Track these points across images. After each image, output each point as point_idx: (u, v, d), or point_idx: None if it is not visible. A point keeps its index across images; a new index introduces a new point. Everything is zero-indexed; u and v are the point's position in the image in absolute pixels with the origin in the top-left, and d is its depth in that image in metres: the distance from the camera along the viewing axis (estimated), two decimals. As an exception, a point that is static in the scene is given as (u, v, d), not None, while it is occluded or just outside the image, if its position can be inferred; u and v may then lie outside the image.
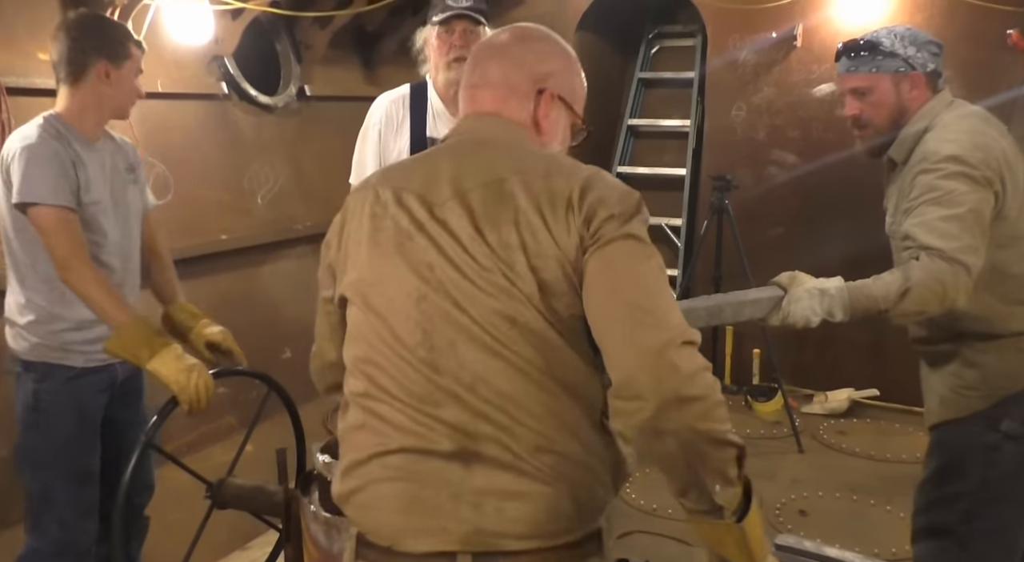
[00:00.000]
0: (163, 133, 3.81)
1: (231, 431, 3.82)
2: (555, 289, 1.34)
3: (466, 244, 1.38)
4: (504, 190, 1.39)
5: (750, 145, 5.08)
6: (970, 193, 2.02)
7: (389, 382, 1.40)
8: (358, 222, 1.48)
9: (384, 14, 4.69)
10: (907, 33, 2.22)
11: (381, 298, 1.43)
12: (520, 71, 1.53)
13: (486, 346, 1.35)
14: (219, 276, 4.10)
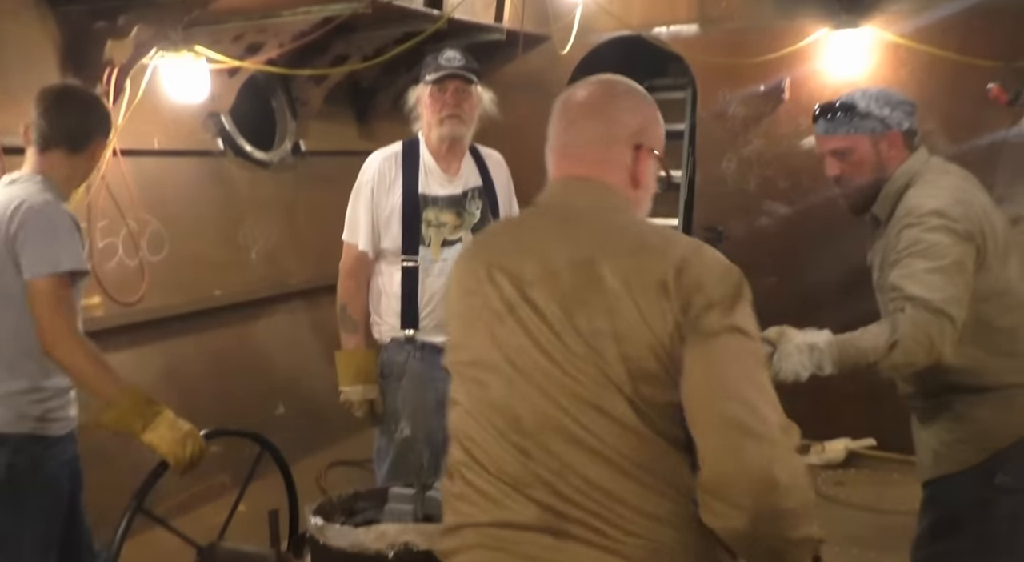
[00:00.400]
0: (158, 190, 3.84)
1: (223, 491, 3.77)
2: (648, 378, 1.31)
3: (556, 329, 1.36)
4: (594, 272, 1.35)
5: (741, 196, 5.12)
6: (953, 246, 2.05)
7: (484, 457, 1.41)
8: (456, 295, 1.54)
9: (378, 71, 4.77)
10: (881, 94, 2.27)
11: (476, 377, 1.45)
12: (617, 129, 1.51)
13: (574, 436, 1.33)
14: (212, 332, 4.09)
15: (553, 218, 1.49)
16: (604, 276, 1.35)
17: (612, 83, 1.58)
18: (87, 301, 3.47)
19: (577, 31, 5.09)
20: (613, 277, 1.34)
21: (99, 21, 3.35)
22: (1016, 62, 4.31)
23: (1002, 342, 2.16)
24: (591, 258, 1.37)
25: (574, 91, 1.60)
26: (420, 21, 4.26)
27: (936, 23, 4.52)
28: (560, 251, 1.41)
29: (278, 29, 3.90)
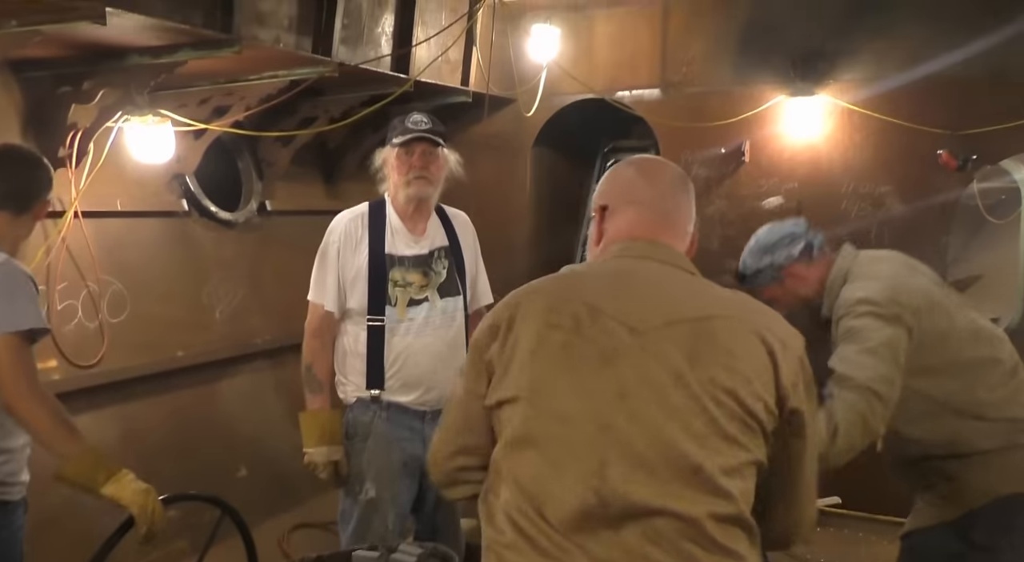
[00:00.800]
0: (120, 251, 3.81)
1: (182, 556, 3.67)
2: (753, 433, 1.38)
3: (670, 379, 1.37)
4: (711, 326, 1.42)
5: (704, 255, 5.05)
6: (880, 329, 2.15)
7: (550, 504, 1.36)
8: (534, 329, 1.45)
9: (345, 132, 4.81)
10: (756, 246, 2.51)
11: (557, 416, 1.39)
12: (693, 211, 1.68)
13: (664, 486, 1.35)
14: (174, 394, 4.03)
15: (651, 273, 1.55)
16: (718, 329, 1.42)
17: (683, 172, 1.72)
18: (44, 364, 3.42)
19: (542, 94, 5.20)
20: (726, 329, 1.42)
21: (64, 86, 3.36)
22: (962, 130, 4.48)
23: (970, 409, 2.23)
24: (709, 316, 1.44)
25: (645, 157, 1.75)
26: (387, 84, 4.32)
27: (886, 93, 4.69)
28: (672, 305, 1.46)
29: (245, 92, 3.93)
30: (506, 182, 5.51)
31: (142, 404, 3.87)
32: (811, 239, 2.46)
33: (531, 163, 5.57)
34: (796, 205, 4.99)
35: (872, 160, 4.79)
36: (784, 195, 5.03)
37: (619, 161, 5.94)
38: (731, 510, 1.35)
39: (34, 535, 3.18)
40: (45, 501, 3.34)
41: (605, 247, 1.64)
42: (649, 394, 1.36)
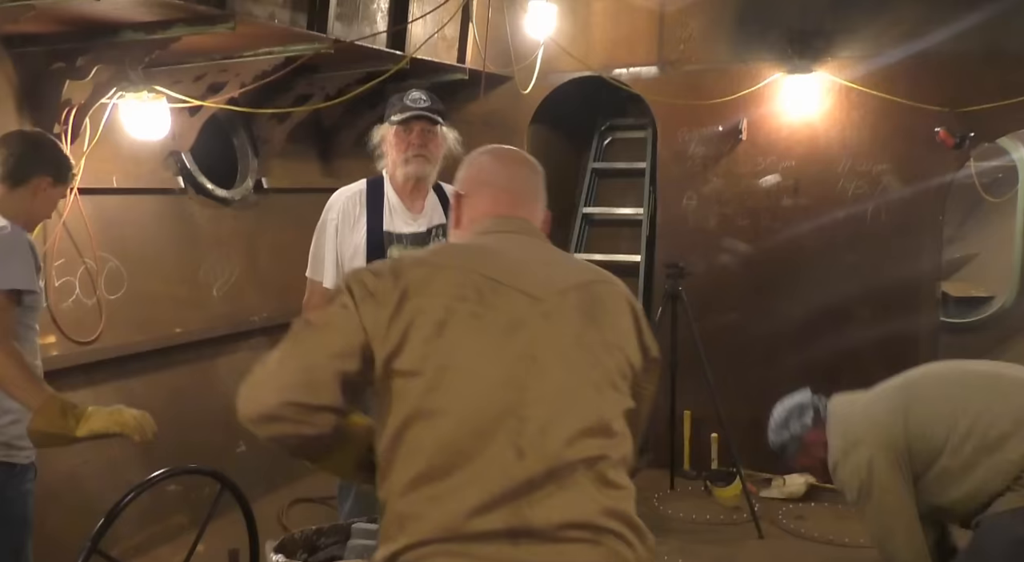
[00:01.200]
0: (117, 228, 3.81)
1: (181, 531, 3.70)
2: (625, 388, 1.56)
3: (571, 340, 1.52)
4: (594, 292, 1.61)
5: (702, 233, 5.20)
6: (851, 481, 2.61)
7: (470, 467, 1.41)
8: (440, 303, 1.49)
9: (341, 109, 4.79)
10: (775, 424, 2.88)
11: (471, 382, 1.45)
12: (541, 190, 1.81)
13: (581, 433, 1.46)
14: (173, 370, 4.05)
15: (531, 246, 1.69)
16: (600, 294, 1.61)
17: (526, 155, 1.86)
18: (42, 340, 3.42)
19: (539, 71, 5.17)
20: (608, 293, 1.62)
21: (57, 62, 3.34)
22: (960, 108, 4.48)
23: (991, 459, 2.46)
24: (587, 280, 1.62)
25: (497, 146, 1.86)
26: (383, 61, 4.31)
27: (884, 70, 4.68)
28: (558, 274, 1.61)
29: (240, 69, 3.91)
30: (503, 160, 5.49)
31: (140, 380, 3.89)
32: (816, 403, 2.74)
33: (528, 141, 5.55)
34: (793, 183, 4.99)
35: (870, 138, 4.80)
36: (781, 173, 5.04)
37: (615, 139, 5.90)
38: (622, 451, 1.51)
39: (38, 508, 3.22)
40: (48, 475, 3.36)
41: (468, 227, 1.74)
42: (555, 354, 1.49)
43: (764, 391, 5.07)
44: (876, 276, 4.78)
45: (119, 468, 3.63)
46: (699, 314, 4.60)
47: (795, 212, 4.99)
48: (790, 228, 5.00)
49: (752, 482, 4.61)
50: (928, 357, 4.75)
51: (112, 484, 3.43)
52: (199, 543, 2.58)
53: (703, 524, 4.38)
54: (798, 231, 4.97)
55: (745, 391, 4.96)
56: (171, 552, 3.51)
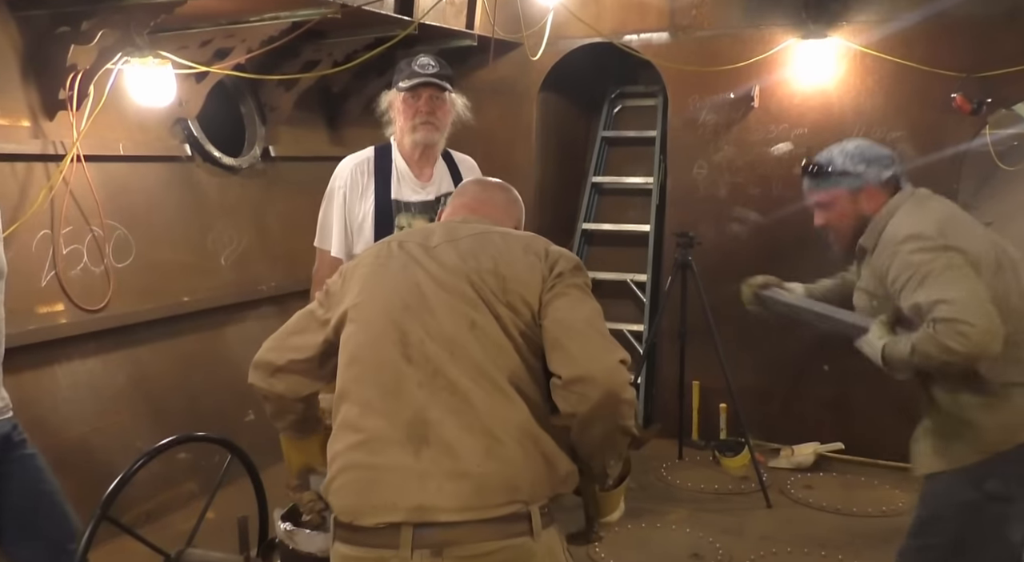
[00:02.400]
0: (124, 196, 3.79)
1: (191, 498, 3.73)
2: (517, 307, 1.71)
3: (451, 268, 1.75)
4: (488, 237, 1.83)
5: (712, 202, 5.16)
6: (936, 259, 2.14)
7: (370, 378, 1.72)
8: (365, 265, 1.87)
9: (349, 76, 4.75)
10: (856, 151, 2.39)
11: (371, 311, 1.76)
12: (513, 210, 2.08)
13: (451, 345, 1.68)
14: (181, 338, 4.05)
15: (453, 225, 1.94)
16: (495, 239, 1.82)
17: (508, 186, 2.14)
18: (50, 308, 3.43)
19: (548, 38, 5.11)
20: (501, 240, 1.82)
21: (62, 26, 3.31)
22: (978, 73, 4.39)
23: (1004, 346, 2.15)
24: (488, 231, 1.85)
25: (489, 178, 2.20)
26: (390, 26, 4.25)
27: (900, 34, 4.59)
28: (463, 231, 1.86)
29: (246, 34, 3.87)
30: (512, 128, 5.45)
31: (149, 348, 3.89)
32: (899, 174, 2.40)
33: (537, 108, 5.50)
34: (806, 151, 4.93)
35: (884, 104, 4.72)
36: (794, 141, 4.97)
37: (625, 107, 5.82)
38: (504, 362, 1.66)
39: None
40: (59, 442, 3.39)
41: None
42: (431, 280, 1.75)
43: (773, 361, 5.09)
44: (889, 245, 4.73)
45: (129, 435, 3.65)
46: (709, 284, 4.57)
47: (807, 180, 4.93)
48: (802, 197, 4.91)
49: (760, 452, 4.61)
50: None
51: (122, 451, 3.45)
52: (209, 510, 2.59)
53: (711, 494, 4.39)
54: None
55: (754, 361, 4.95)
56: (182, 519, 3.54)
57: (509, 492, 1.56)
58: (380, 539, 1.55)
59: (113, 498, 2.27)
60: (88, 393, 3.59)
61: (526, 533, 1.57)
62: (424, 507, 1.54)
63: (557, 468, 1.64)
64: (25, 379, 3.33)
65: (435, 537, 1.53)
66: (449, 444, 1.57)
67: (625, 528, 3.88)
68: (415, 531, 1.53)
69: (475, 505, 1.54)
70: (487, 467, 1.56)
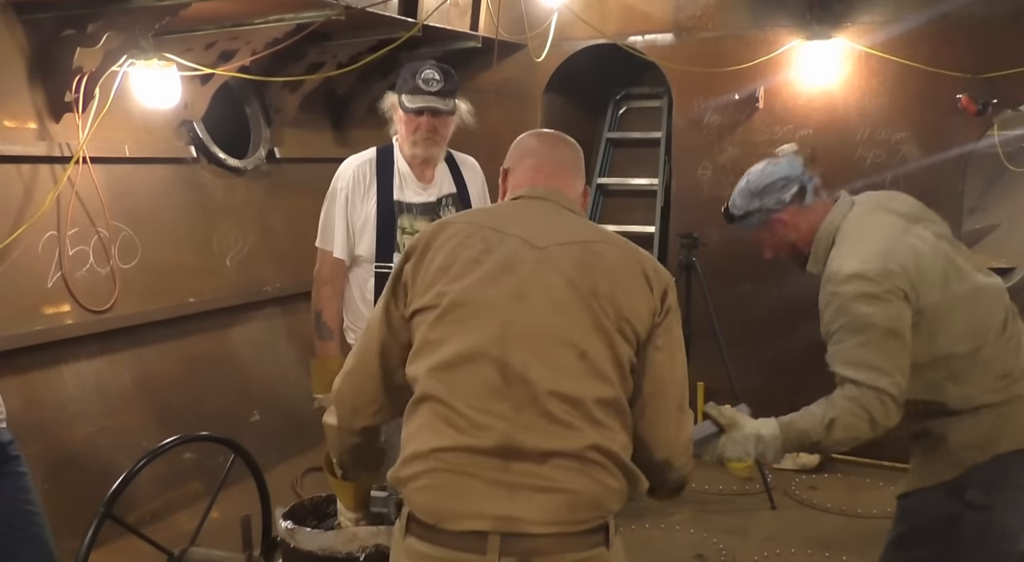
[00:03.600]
0: (130, 197, 3.81)
1: (196, 498, 3.74)
2: (626, 338, 1.64)
3: (565, 283, 1.64)
4: (596, 250, 1.71)
5: (717, 203, 5.07)
6: (877, 313, 2.06)
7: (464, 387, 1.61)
8: (448, 249, 1.70)
9: (353, 78, 4.76)
10: (747, 188, 2.35)
11: (464, 315, 1.64)
12: (580, 165, 1.96)
13: (556, 369, 1.60)
14: (187, 339, 4.06)
15: (542, 209, 1.80)
16: (605, 254, 1.70)
17: (567, 136, 2.01)
18: (57, 308, 3.45)
19: (552, 39, 5.12)
20: (614, 256, 1.71)
21: (68, 29, 3.32)
22: (983, 73, 4.38)
23: (961, 367, 2.15)
24: (592, 239, 1.73)
25: (542, 130, 2.05)
26: (394, 28, 4.26)
27: (905, 35, 4.58)
28: (562, 230, 1.73)
29: (251, 36, 3.88)
30: (516, 129, 5.30)
31: (155, 349, 3.91)
32: (805, 182, 2.29)
33: (542, 110, 5.50)
34: (810, 152, 4.92)
35: (889, 105, 4.71)
36: (798, 142, 4.95)
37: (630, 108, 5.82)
38: (610, 393, 1.61)
39: (53, 474, 3.27)
40: (64, 441, 3.41)
41: (508, 194, 1.91)
42: (543, 294, 1.63)
43: (778, 363, 5.08)
44: (894, 247, 4.72)
45: (135, 435, 3.67)
46: (713, 285, 4.57)
47: (812, 182, 4.92)
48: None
49: (765, 453, 4.60)
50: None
51: (128, 451, 3.47)
52: (212, 509, 2.61)
53: (716, 495, 4.39)
54: (815, 201, 4.90)
55: (759, 363, 4.94)
56: (186, 518, 3.55)
57: (597, 510, 1.59)
58: (465, 543, 1.55)
59: (116, 496, 2.29)
60: (94, 393, 3.61)
61: (603, 543, 1.61)
62: (513, 518, 1.54)
63: (638, 486, 1.68)
64: (32, 379, 3.35)
65: (522, 546, 1.54)
66: (542, 463, 1.57)
67: (629, 529, 3.88)
68: (502, 540, 1.53)
69: (565, 520, 1.56)
70: (578, 484, 1.57)
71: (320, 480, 4.25)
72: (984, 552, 2.18)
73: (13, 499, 2.41)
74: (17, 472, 2.44)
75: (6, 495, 2.40)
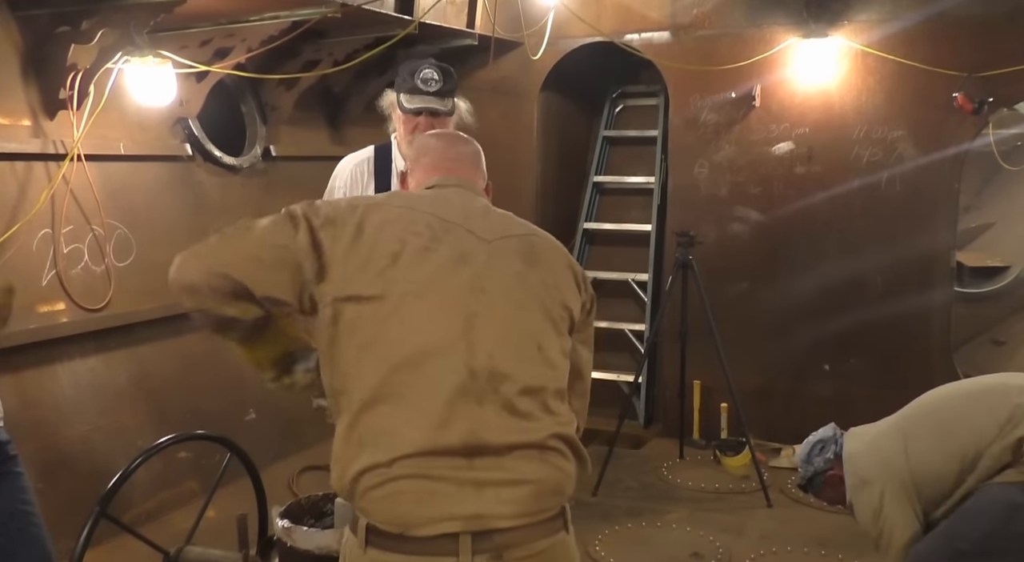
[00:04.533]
0: (125, 195, 3.79)
1: (192, 497, 3.73)
2: (567, 332, 1.73)
3: (517, 278, 1.69)
4: (532, 243, 1.77)
5: (713, 202, 5.16)
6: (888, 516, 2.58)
7: (424, 383, 1.59)
8: (394, 235, 1.64)
9: (349, 76, 4.75)
10: (799, 460, 2.88)
11: (424, 309, 1.60)
12: (479, 160, 1.97)
13: (518, 359, 1.64)
14: (182, 338, 4.04)
15: (464, 199, 1.81)
16: (540, 247, 1.77)
17: (462, 134, 2.07)
18: (52, 307, 3.43)
19: (549, 37, 5.11)
20: (548, 251, 1.79)
21: (62, 26, 3.30)
22: (980, 72, 4.39)
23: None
24: (525, 233, 1.78)
25: (441, 130, 2.21)
26: (391, 26, 4.25)
27: (902, 33, 4.59)
28: (497, 223, 1.77)
29: (246, 34, 3.87)
30: (513, 127, 5.45)
31: (150, 347, 3.90)
32: (839, 438, 2.77)
33: (538, 108, 5.50)
34: (807, 151, 4.93)
35: (885, 104, 4.72)
36: (795, 141, 4.97)
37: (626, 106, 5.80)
38: (562, 383, 1.70)
39: (48, 473, 3.25)
40: (59, 441, 3.39)
41: (415, 188, 1.90)
42: (500, 288, 1.66)
43: (774, 361, 5.09)
44: (889, 246, 4.73)
45: (130, 434, 3.65)
46: (710, 283, 4.57)
47: (808, 180, 4.93)
48: (803, 196, 4.94)
49: (761, 451, 4.60)
50: (941, 328, 4.73)
51: (123, 450, 3.45)
52: (208, 508, 2.60)
53: (712, 493, 4.39)
54: (811, 199, 4.92)
55: (755, 361, 4.95)
56: (182, 517, 3.54)
57: (558, 496, 1.64)
58: (436, 548, 1.54)
59: (111, 495, 2.28)
60: (89, 392, 3.59)
61: (563, 528, 1.65)
62: (482, 515, 1.55)
63: (586, 466, 1.72)
64: (26, 378, 3.33)
65: (493, 542, 1.55)
66: (505, 455, 1.59)
67: (626, 527, 3.88)
68: (474, 539, 1.54)
69: (532, 510, 1.58)
70: (541, 474, 1.60)
71: (316, 478, 4.26)
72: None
73: (10, 499, 2.41)
74: (14, 472, 2.44)
75: (3, 495, 2.40)
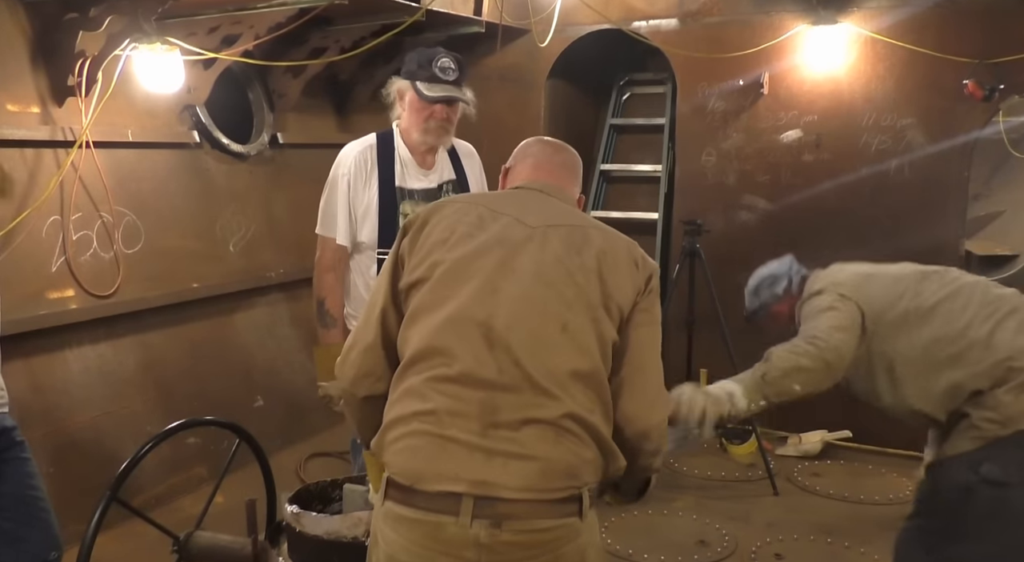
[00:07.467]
0: (133, 182, 3.80)
1: (201, 483, 3.76)
2: (612, 316, 1.71)
3: (553, 259, 1.71)
4: (586, 233, 1.79)
5: (720, 190, 5.14)
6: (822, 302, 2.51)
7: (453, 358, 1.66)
8: (445, 225, 1.77)
9: (356, 63, 4.74)
10: (748, 291, 2.92)
11: (454, 284, 1.70)
12: (576, 172, 2.06)
13: (540, 342, 1.66)
14: (190, 325, 4.07)
15: (541, 200, 1.88)
16: (594, 237, 1.78)
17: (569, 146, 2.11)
18: (61, 293, 3.46)
19: (556, 24, 5.09)
20: (603, 239, 1.78)
21: (70, 12, 3.31)
22: (990, 59, 4.36)
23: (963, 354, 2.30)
24: (583, 224, 1.81)
25: (547, 137, 2.15)
26: (398, 13, 4.24)
27: (912, 20, 4.56)
28: (556, 215, 1.81)
29: (254, 20, 3.87)
30: (520, 115, 5.43)
31: (159, 334, 3.92)
32: (792, 275, 2.77)
33: (545, 96, 5.48)
34: (815, 138, 4.91)
35: (895, 91, 4.69)
36: (803, 128, 4.95)
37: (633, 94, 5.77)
38: (586, 366, 1.66)
39: (59, 458, 3.28)
40: (69, 427, 3.42)
41: (506, 187, 2.02)
42: (530, 266, 1.71)
43: (781, 349, 5.08)
44: (898, 234, 4.71)
45: (139, 420, 3.68)
46: (717, 272, 4.56)
47: (817, 168, 4.91)
48: (811, 184, 4.92)
49: (768, 440, 4.61)
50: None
51: (132, 435, 3.49)
52: (217, 494, 2.62)
53: (718, 481, 4.40)
54: (819, 188, 4.90)
55: (762, 349, 4.89)
56: (191, 502, 3.57)
57: (570, 479, 1.63)
58: (440, 505, 1.59)
59: (122, 480, 2.29)
60: (98, 378, 3.62)
61: (576, 514, 1.64)
62: (488, 482, 1.58)
63: (614, 462, 1.71)
64: (36, 364, 3.36)
65: (495, 510, 1.58)
66: (519, 429, 1.61)
67: (632, 515, 3.89)
68: (476, 502, 1.58)
69: (538, 487, 1.60)
70: (553, 453, 1.61)
71: (324, 464, 4.29)
72: (993, 533, 2.19)
73: (18, 484, 2.43)
74: (21, 457, 2.46)
75: (11, 481, 2.42)
